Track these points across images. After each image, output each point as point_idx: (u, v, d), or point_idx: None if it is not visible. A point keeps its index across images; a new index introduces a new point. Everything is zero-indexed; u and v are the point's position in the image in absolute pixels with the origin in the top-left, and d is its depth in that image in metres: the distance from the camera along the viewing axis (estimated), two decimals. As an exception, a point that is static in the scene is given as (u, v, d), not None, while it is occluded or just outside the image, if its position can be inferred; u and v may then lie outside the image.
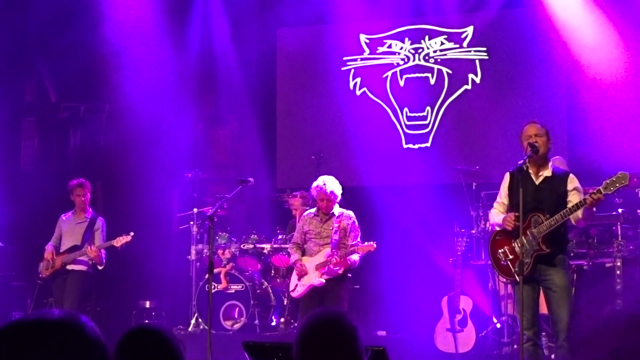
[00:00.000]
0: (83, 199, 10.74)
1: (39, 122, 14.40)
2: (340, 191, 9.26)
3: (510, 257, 7.58)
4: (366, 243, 9.04)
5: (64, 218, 10.88)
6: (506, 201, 7.75)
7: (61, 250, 10.63)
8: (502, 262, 7.66)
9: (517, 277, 7.43)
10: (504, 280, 8.63)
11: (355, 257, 9.12)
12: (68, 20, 12.99)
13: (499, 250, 7.69)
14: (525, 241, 7.37)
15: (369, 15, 12.77)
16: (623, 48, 11.50)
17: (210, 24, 13.53)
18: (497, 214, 7.80)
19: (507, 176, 7.82)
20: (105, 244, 10.46)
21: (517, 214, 7.35)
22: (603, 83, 11.57)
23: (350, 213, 9.32)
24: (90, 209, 10.86)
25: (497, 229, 7.79)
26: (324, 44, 13.31)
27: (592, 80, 11.61)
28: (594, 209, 7.38)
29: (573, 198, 7.45)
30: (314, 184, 9.28)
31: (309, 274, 9.18)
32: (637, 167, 9.82)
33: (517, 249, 7.46)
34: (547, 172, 7.59)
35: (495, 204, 7.94)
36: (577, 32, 11.65)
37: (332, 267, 9.06)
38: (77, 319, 1.96)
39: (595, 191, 7.16)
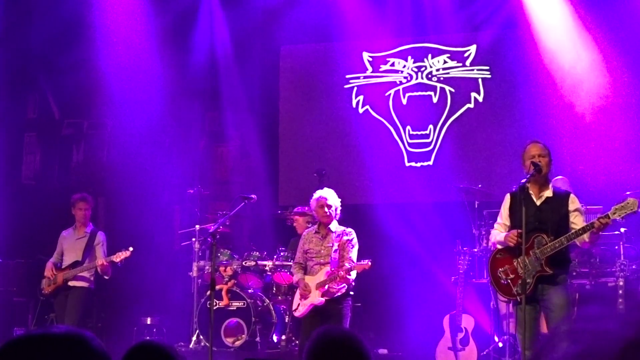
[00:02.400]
0: (84, 212, 10.73)
1: (40, 138, 14.44)
2: (339, 202, 9.17)
3: (511, 276, 7.56)
4: (361, 262, 8.98)
5: (64, 234, 10.87)
6: (507, 222, 7.72)
7: (62, 266, 10.61)
8: (503, 281, 7.64)
9: (517, 296, 7.43)
10: (504, 299, 8.61)
11: (353, 275, 9.05)
12: (71, 38, 13.03)
13: (499, 269, 7.66)
14: (527, 261, 7.36)
15: (372, 34, 12.80)
16: (620, 69, 11.56)
17: (214, 41, 13.57)
18: (499, 234, 7.78)
19: (507, 197, 7.80)
20: (106, 259, 10.45)
21: (520, 231, 7.35)
22: (604, 102, 11.62)
23: (350, 230, 9.25)
24: (91, 224, 10.85)
25: (499, 247, 7.77)
26: (327, 62, 13.34)
27: (594, 100, 11.65)
28: (601, 232, 7.35)
29: (575, 220, 7.43)
30: (318, 195, 9.23)
31: (311, 294, 9.14)
32: (638, 186, 9.84)
33: (519, 268, 7.45)
34: (548, 193, 7.57)
35: (496, 225, 7.91)
36: (573, 55, 11.71)
37: (332, 285, 9.00)
38: (83, 334, 1.97)
39: (603, 216, 7.13)
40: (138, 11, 13.05)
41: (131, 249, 10.32)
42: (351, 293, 9.17)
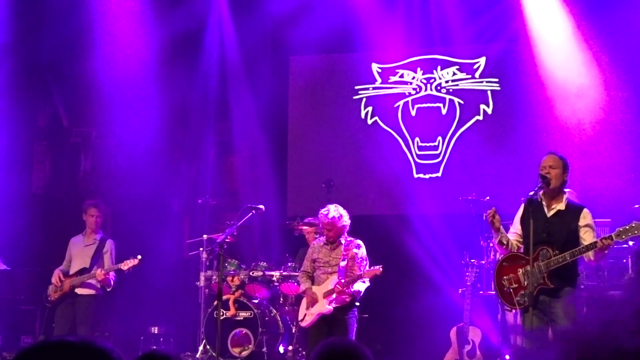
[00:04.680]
0: (95, 219, 10.69)
1: (50, 147, 14.47)
2: (346, 219, 9.17)
3: (514, 285, 7.57)
4: (372, 267, 8.99)
5: (73, 241, 10.86)
6: (520, 232, 7.73)
7: (70, 273, 10.60)
8: (506, 289, 7.65)
9: (518, 306, 7.46)
10: (507, 308, 8.60)
11: (358, 287, 9.03)
12: (81, 47, 13.08)
13: (504, 277, 7.67)
14: (531, 272, 7.35)
15: (382, 45, 12.80)
16: (628, 83, 11.59)
17: (224, 52, 13.60)
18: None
19: (521, 206, 7.80)
20: (113, 267, 10.43)
21: (494, 208, 7.54)
22: (613, 115, 11.64)
23: (359, 242, 9.26)
24: (101, 231, 10.84)
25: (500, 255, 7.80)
26: (336, 73, 13.36)
27: (603, 113, 11.66)
28: (606, 251, 7.34)
29: (585, 235, 7.40)
30: (320, 212, 9.26)
31: (318, 303, 9.15)
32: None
33: (522, 278, 7.47)
34: (561, 206, 7.55)
35: (509, 232, 7.91)
36: (581, 68, 11.73)
37: (337, 295, 9.01)
38: (103, 345, 1.97)
39: (607, 237, 7.14)
40: (147, 21, 13.08)
41: (139, 257, 10.29)
42: (357, 304, 9.17)
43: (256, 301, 11.35)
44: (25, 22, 13.23)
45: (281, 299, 11.46)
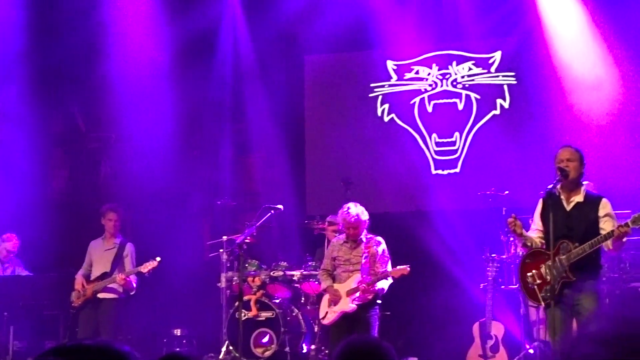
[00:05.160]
0: (114, 223, 10.74)
1: (68, 152, 14.52)
2: (367, 216, 9.21)
3: (538, 281, 7.55)
4: (399, 267, 9.01)
5: (93, 245, 10.91)
6: (541, 227, 7.71)
7: (92, 278, 10.65)
8: (530, 286, 7.64)
9: (543, 302, 7.44)
10: (533, 304, 8.60)
11: (382, 285, 9.06)
12: (95, 51, 13.12)
13: (528, 274, 7.65)
14: (553, 267, 7.34)
15: (396, 42, 12.78)
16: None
17: (238, 53, 13.61)
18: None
19: (540, 202, 7.78)
20: (133, 271, 10.48)
21: (514, 215, 7.52)
22: (632, 106, 11.58)
23: (380, 239, 9.27)
24: (120, 235, 10.88)
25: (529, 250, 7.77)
26: (351, 71, 13.35)
27: (622, 104, 11.61)
28: (624, 239, 7.32)
29: (605, 225, 7.38)
30: (339, 212, 9.26)
31: (341, 301, 9.16)
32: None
33: (545, 274, 7.44)
34: (579, 198, 7.54)
35: (530, 231, 7.88)
36: (597, 59, 11.70)
37: (361, 293, 9.03)
38: (120, 348, 1.98)
39: (623, 224, 7.12)
40: (161, 23, 13.11)
41: (158, 259, 10.34)
42: (379, 301, 9.17)
43: (277, 301, 11.36)
44: (39, 28, 13.27)
45: (302, 298, 11.46)
